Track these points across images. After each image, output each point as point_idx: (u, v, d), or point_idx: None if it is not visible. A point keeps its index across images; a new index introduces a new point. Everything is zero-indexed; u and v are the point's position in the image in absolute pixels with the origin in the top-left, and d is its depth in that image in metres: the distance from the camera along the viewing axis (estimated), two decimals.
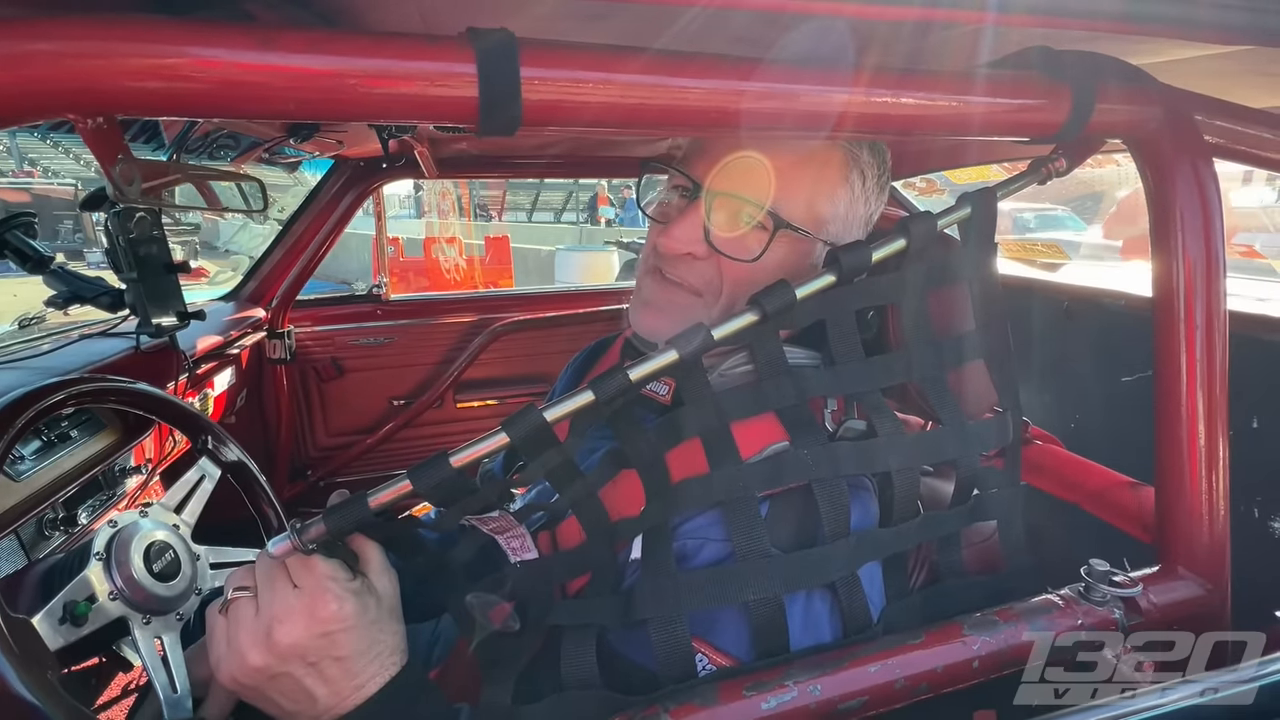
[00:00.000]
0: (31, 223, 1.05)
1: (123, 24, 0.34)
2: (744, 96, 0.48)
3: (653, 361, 0.55)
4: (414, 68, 0.40)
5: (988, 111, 0.56)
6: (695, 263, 0.67)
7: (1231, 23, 0.53)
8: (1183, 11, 0.51)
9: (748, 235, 0.65)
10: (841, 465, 0.58)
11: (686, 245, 0.66)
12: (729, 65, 0.47)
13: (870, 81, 0.51)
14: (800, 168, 0.65)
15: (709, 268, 0.67)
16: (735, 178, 0.64)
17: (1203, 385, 0.61)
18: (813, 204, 0.66)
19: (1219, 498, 0.62)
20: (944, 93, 0.54)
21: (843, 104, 0.51)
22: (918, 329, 0.64)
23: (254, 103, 0.37)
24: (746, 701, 0.50)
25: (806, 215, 0.65)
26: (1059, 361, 1.76)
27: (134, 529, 0.74)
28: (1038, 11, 0.49)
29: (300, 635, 0.49)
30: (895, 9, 0.48)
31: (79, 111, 0.38)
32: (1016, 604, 0.58)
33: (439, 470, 0.51)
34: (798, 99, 0.50)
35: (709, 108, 0.47)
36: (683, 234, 0.65)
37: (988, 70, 0.58)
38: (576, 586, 0.62)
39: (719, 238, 0.65)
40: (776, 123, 0.50)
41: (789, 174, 0.64)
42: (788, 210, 0.64)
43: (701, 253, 0.66)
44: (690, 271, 0.67)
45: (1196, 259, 0.61)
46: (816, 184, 0.66)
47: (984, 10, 0.48)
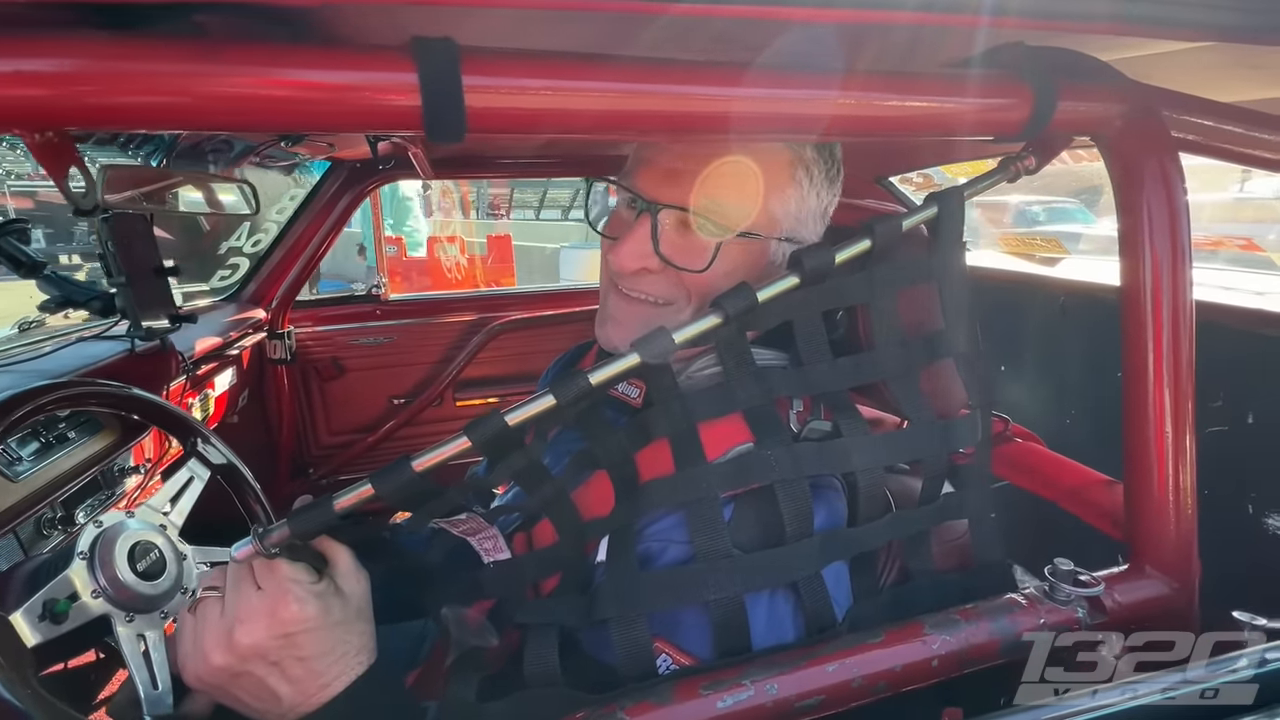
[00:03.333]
0: (25, 229, 1.07)
1: (65, 42, 0.35)
2: (701, 102, 0.49)
3: (614, 365, 0.56)
4: (357, 78, 0.40)
5: (948, 112, 0.56)
6: (651, 276, 0.67)
7: (1194, 20, 0.53)
8: (1150, 11, 0.51)
9: (697, 244, 0.65)
10: (804, 466, 0.58)
11: (639, 260, 0.66)
12: (678, 70, 0.48)
13: (827, 84, 0.51)
14: (745, 171, 0.64)
15: (666, 279, 0.67)
16: (679, 187, 0.64)
17: (1170, 381, 0.61)
18: (761, 206, 0.65)
19: (1186, 495, 0.61)
20: (904, 94, 0.54)
21: (800, 108, 0.51)
22: (886, 328, 0.64)
23: (198, 115, 0.38)
24: (703, 700, 0.50)
25: (755, 218, 0.65)
26: (1055, 357, 1.75)
27: (119, 528, 0.75)
28: (1003, 13, 0.49)
29: (260, 636, 0.50)
30: (861, 13, 0.47)
31: (26, 128, 0.39)
32: (979, 603, 0.58)
33: (400, 474, 0.52)
34: (752, 103, 0.50)
35: (661, 113, 0.48)
36: (633, 250, 0.65)
37: (949, 70, 0.58)
38: (549, 587, 0.63)
39: (669, 249, 0.65)
40: (730, 128, 0.50)
41: (734, 179, 0.64)
42: (734, 215, 0.64)
43: (655, 266, 0.66)
44: (649, 285, 0.67)
45: (1163, 255, 0.60)
46: (762, 185, 0.65)
47: (950, 12, 0.48)
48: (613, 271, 0.69)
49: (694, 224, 0.64)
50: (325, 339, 2.22)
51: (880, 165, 1.65)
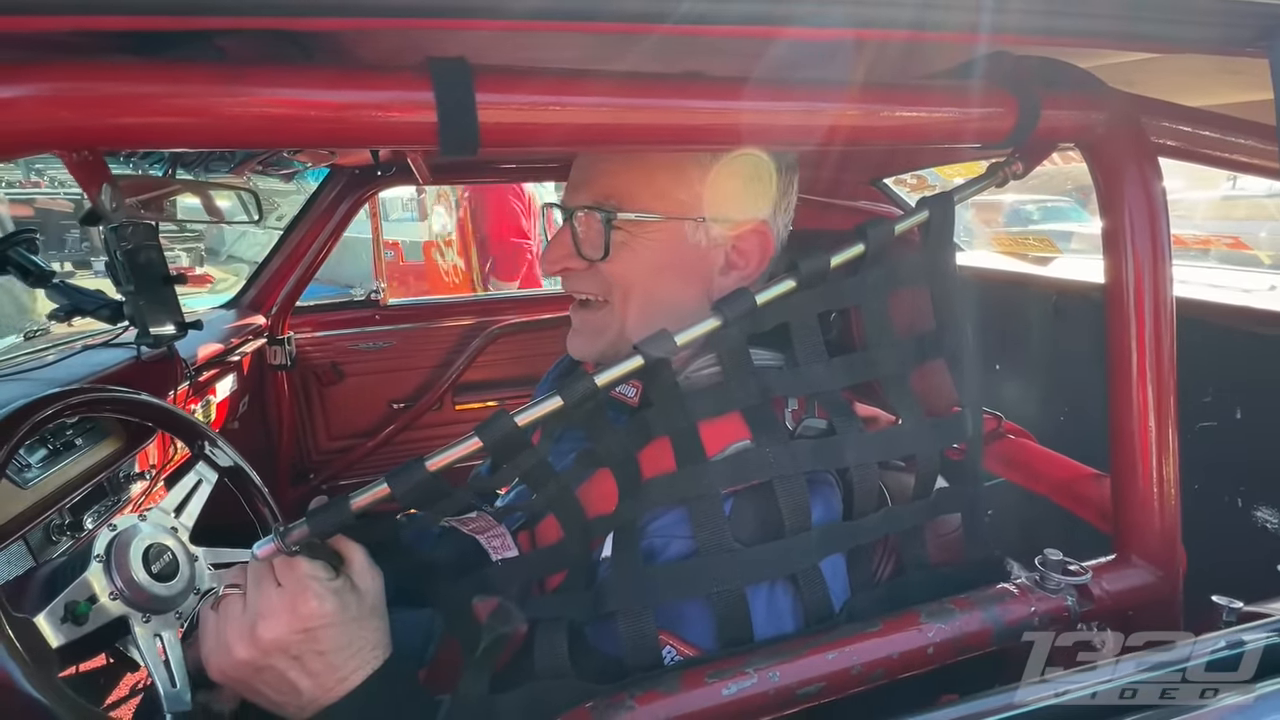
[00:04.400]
0: (34, 238, 1.08)
1: (101, 67, 0.37)
2: (698, 115, 0.51)
3: (619, 367, 0.58)
4: (377, 97, 0.42)
5: (936, 121, 0.58)
6: (579, 274, 0.72)
7: (1177, 35, 0.55)
8: (1127, 27, 0.53)
9: (601, 235, 0.69)
10: (801, 462, 0.60)
11: (560, 261, 0.72)
12: (682, 86, 0.50)
13: (821, 96, 0.54)
14: (637, 160, 0.69)
15: (593, 275, 0.72)
16: (585, 190, 0.70)
17: (1153, 377, 0.63)
18: (662, 189, 0.68)
19: (1170, 487, 0.64)
20: (894, 104, 0.56)
21: (796, 119, 0.54)
22: (879, 329, 0.66)
23: (225, 135, 0.40)
24: (708, 688, 0.52)
25: (658, 201, 0.68)
26: (1049, 356, 1.78)
27: (133, 532, 0.77)
28: (982, 30, 0.51)
29: (282, 631, 0.51)
30: (851, 30, 0.50)
31: (64, 147, 0.41)
32: (972, 593, 0.60)
33: (415, 474, 0.54)
34: (750, 115, 0.52)
35: (662, 126, 0.50)
36: (554, 253, 0.72)
37: (936, 81, 0.60)
38: (555, 583, 0.65)
39: (584, 247, 0.70)
40: (727, 140, 0.52)
41: (625, 169, 0.69)
42: (631, 202, 0.68)
43: (576, 265, 0.71)
44: (580, 282, 0.73)
45: (1145, 256, 0.63)
46: (656, 169, 0.68)
47: (938, 30, 0.50)
48: (558, 281, 0.76)
49: (593, 219, 0.69)
50: (325, 344, 2.24)
51: (876, 168, 1.68)
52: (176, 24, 0.37)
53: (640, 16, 0.42)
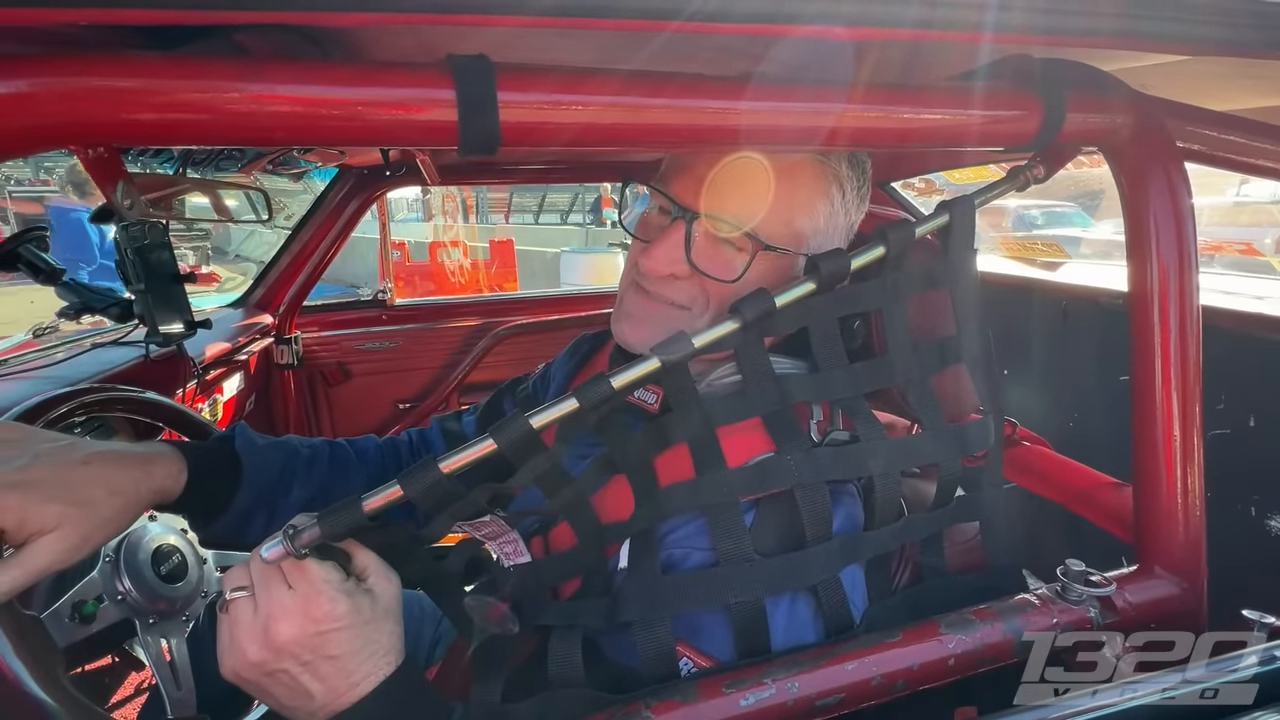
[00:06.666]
0: (44, 236, 1.08)
1: (119, 61, 0.37)
2: (720, 115, 0.50)
3: (635, 369, 0.57)
4: (398, 95, 0.42)
5: (960, 123, 0.57)
6: (678, 282, 0.68)
7: (1204, 35, 0.54)
8: (1155, 27, 0.52)
9: (729, 255, 0.66)
10: (824, 471, 0.59)
11: (668, 266, 0.67)
12: (702, 85, 0.49)
13: (845, 97, 0.53)
14: (779, 185, 0.65)
15: (692, 286, 0.68)
16: (715, 198, 0.65)
17: (1178, 385, 0.62)
18: (792, 221, 0.67)
19: (1195, 497, 0.63)
20: (918, 106, 0.55)
21: (818, 120, 0.53)
22: (899, 334, 0.65)
23: (244, 131, 0.40)
24: (726, 698, 0.51)
25: (786, 232, 0.66)
26: (1058, 361, 1.77)
27: (142, 533, 0.76)
28: (1009, 30, 0.50)
29: (295, 632, 0.51)
30: (879, 30, 0.49)
31: (81, 143, 0.41)
32: (993, 603, 0.59)
33: (428, 475, 0.53)
34: (773, 116, 0.51)
35: (682, 126, 0.49)
36: (664, 255, 0.66)
37: (962, 83, 0.60)
38: (569, 590, 0.64)
39: (700, 258, 0.66)
40: (753, 140, 0.51)
41: (768, 193, 0.65)
42: (767, 229, 0.65)
43: (683, 273, 0.67)
44: (673, 290, 0.68)
45: (1170, 261, 0.62)
46: (795, 200, 0.66)
47: (963, 29, 0.49)
48: (640, 273, 0.70)
49: (724, 236, 0.65)
50: (331, 344, 2.24)
51: (885, 171, 1.67)
52: (196, 18, 0.36)
53: (659, 14, 0.41)
